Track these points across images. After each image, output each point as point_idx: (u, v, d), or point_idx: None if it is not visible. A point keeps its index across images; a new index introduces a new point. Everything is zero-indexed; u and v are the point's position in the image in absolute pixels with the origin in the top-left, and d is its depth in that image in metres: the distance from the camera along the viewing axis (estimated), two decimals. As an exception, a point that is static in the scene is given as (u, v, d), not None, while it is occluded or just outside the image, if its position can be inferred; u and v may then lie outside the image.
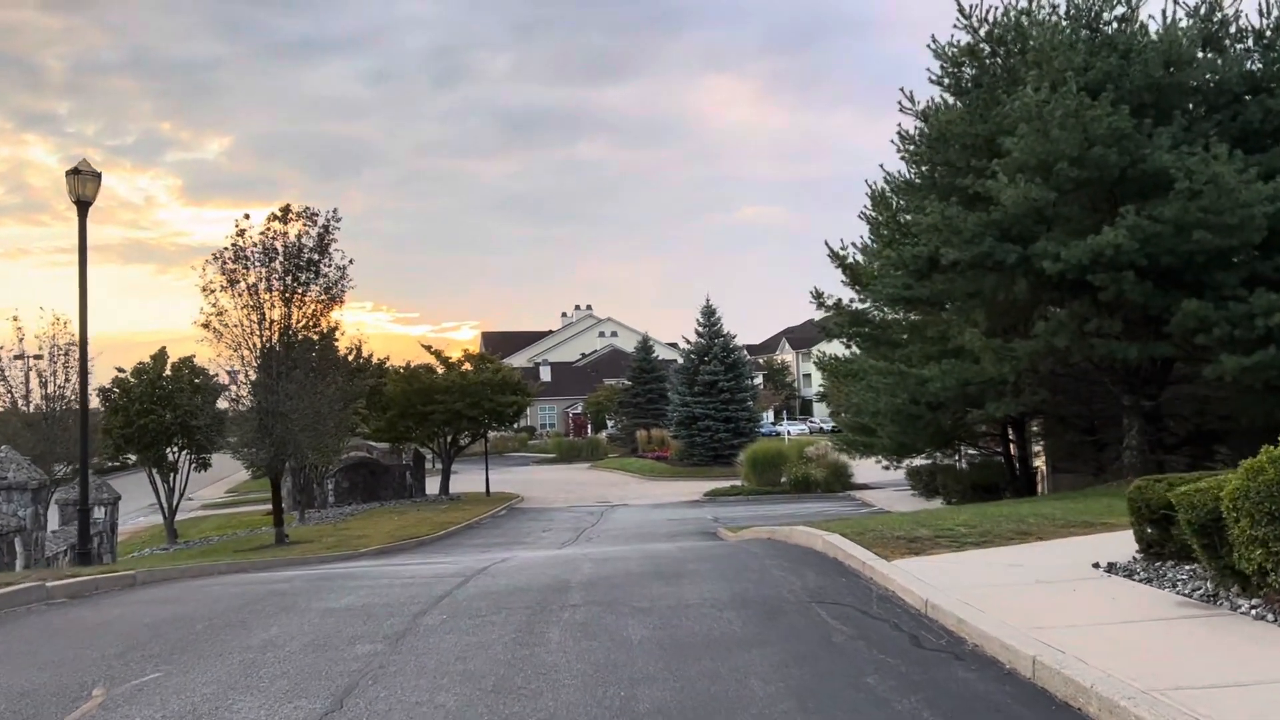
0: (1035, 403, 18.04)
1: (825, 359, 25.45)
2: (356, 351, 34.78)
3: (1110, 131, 15.74)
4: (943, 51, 19.64)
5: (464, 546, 21.98)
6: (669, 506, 33.59)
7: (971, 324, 18.53)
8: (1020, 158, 16.01)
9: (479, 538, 24.85)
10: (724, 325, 50.32)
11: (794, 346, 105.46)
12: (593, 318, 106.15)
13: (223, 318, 22.77)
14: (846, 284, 24.04)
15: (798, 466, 36.60)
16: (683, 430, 48.74)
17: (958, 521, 10.79)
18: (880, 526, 10.63)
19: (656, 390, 61.93)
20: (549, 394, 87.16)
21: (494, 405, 36.15)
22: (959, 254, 16.52)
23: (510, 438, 74.21)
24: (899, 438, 21.29)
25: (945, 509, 14.45)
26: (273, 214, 23.10)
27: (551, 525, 27.79)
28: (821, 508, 30.90)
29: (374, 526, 26.72)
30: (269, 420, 22.58)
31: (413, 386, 35.87)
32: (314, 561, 16.51)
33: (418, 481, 39.20)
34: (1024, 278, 16.58)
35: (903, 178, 21.38)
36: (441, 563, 13.29)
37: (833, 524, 11.78)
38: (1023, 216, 16.38)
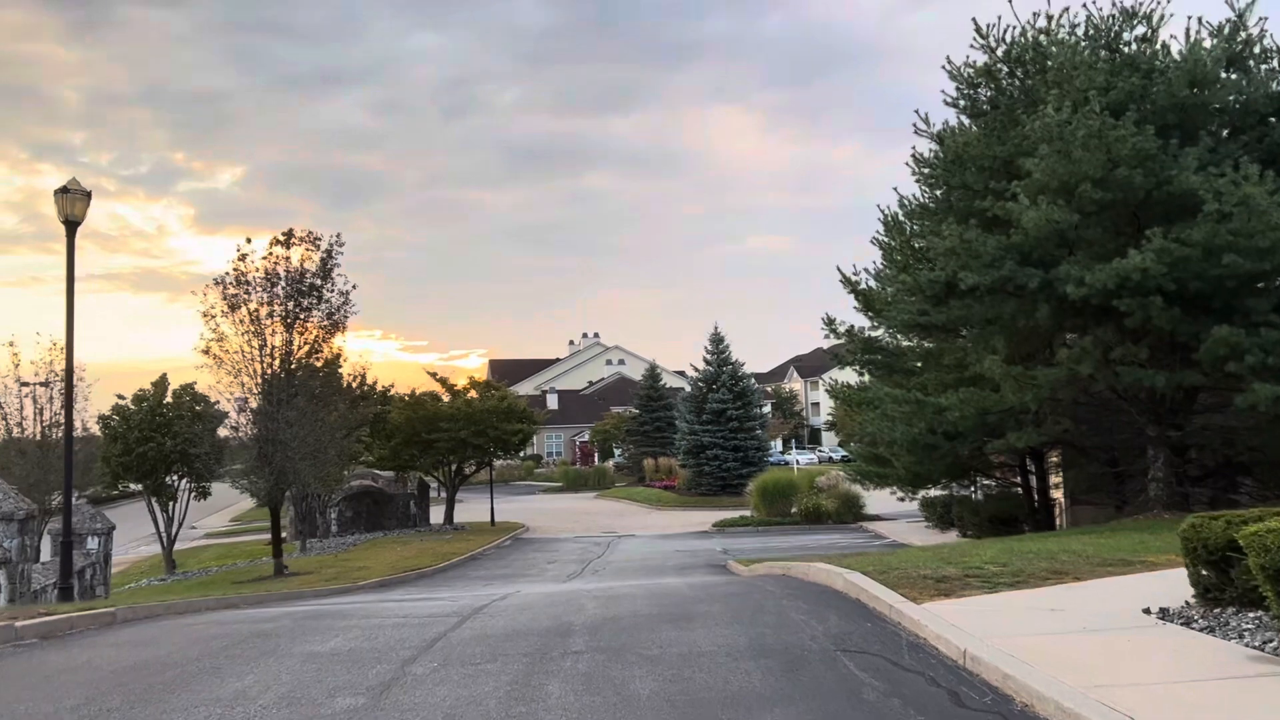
0: (1057, 433, 17.41)
1: (838, 386, 24.81)
2: (360, 379, 34.35)
3: (1135, 152, 15.23)
4: (958, 73, 19.22)
5: (466, 579, 21.33)
6: (677, 537, 32.88)
7: (990, 351, 17.95)
8: (1041, 179, 15.51)
9: (482, 569, 24.20)
10: (732, 353, 49.82)
11: (802, 375, 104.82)
12: (600, 345, 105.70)
13: (223, 344, 22.31)
14: (859, 310, 23.46)
15: (808, 497, 35.88)
16: (690, 459, 48.04)
17: (985, 559, 10.17)
18: (903, 564, 10.01)
19: (664, 418, 61.26)
20: (556, 422, 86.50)
21: (499, 433, 35.54)
22: (978, 278, 15.97)
23: (516, 466, 73.51)
24: (915, 468, 20.64)
25: (968, 544, 13.82)
26: (275, 238, 22.70)
27: (557, 556, 27.12)
28: (833, 539, 30.18)
29: (375, 557, 26.09)
30: (269, 448, 22.04)
31: (417, 414, 35.30)
32: (309, 596, 15.90)
33: (422, 511, 38.53)
34: (1046, 303, 16.02)
35: (917, 201, 20.89)
36: (439, 599, 12.68)
37: (851, 559, 11.17)
38: (1044, 240, 15.84)
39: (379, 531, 35.66)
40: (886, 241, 23.94)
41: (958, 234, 16.09)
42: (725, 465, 46.64)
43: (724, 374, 48.71)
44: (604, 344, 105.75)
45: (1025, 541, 13.46)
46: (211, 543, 41.28)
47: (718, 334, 50.04)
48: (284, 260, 22.64)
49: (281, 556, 22.87)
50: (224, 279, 22.28)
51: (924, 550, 12.47)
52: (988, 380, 18.40)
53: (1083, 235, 15.73)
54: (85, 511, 19.53)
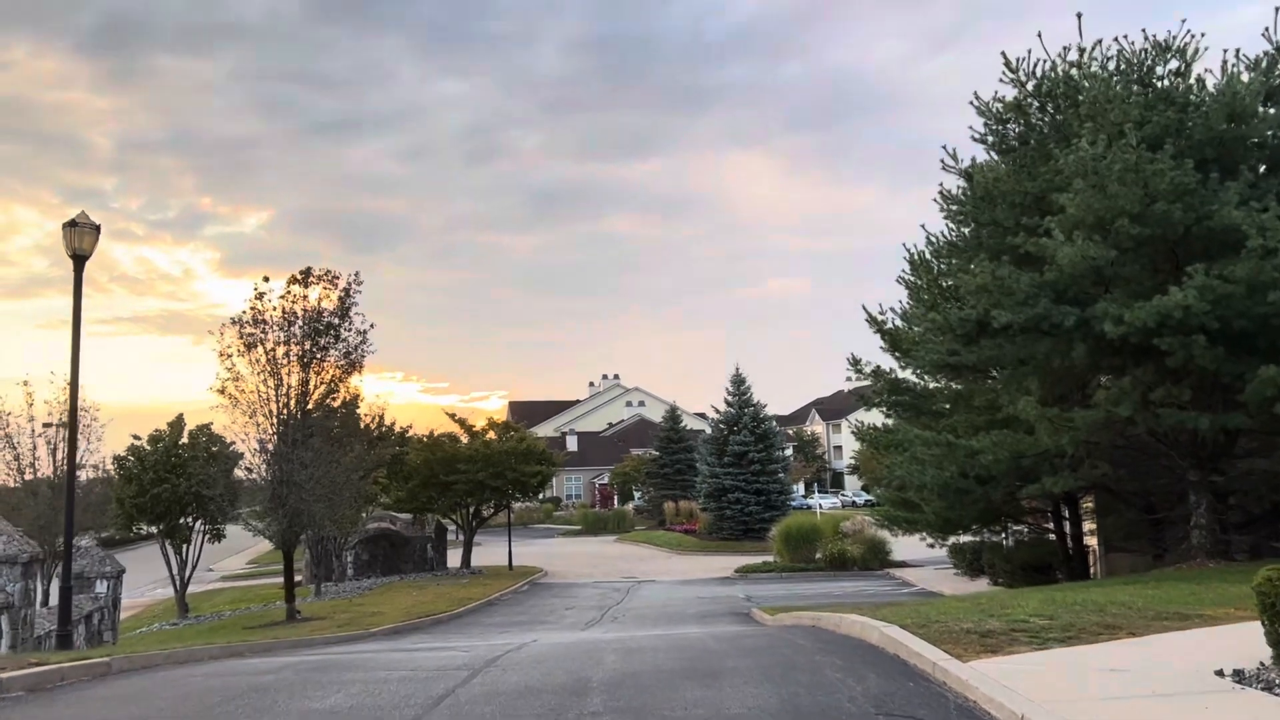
0: (1094, 477, 16.75)
1: (865, 429, 24.23)
2: (379, 420, 34.01)
3: (1173, 187, 14.74)
4: (987, 109, 18.84)
5: (481, 625, 20.74)
6: (698, 583, 32.13)
7: (1023, 392, 17.36)
8: (1076, 214, 15.02)
9: (498, 615, 23.59)
10: (754, 394, 49.16)
11: (824, 418, 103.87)
12: (620, 387, 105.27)
13: (239, 383, 22.02)
14: (886, 350, 22.94)
15: (833, 542, 35.08)
16: (711, 502, 47.26)
17: (1029, 610, 9.55)
18: (942, 616, 9.41)
19: (684, 461, 60.53)
20: (575, 464, 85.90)
21: (518, 475, 35.02)
22: (1012, 316, 15.44)
23: (535, 509, 72.85)
24: (945, 513, 19.97)
25: (1006, 594, 13.17)
26: (293, 276, 22.47)
27: (575, 602, 26.46)
28: (859, 587, 29.38)
29: (390, 602, 25.53)
30: (282, 490, 21.64)
31: (435, 455, 34.86)
32: (318, 644, 15.37)
33: (439, 554, 37.93)
34: (1082, 342, 15.46)
35: (946, 239, 20.43)
36: (451, 648, 12.14)
37: (886, 611, 10.57)
38: (1079, 277, 15.32)
39: (395, 575, 35.10)
40: (913, 280, 23.48)
41: (990, 271, 15.60)
42: (747, 509, 45.83)
43: (745, 415, 48.04)
44: (624, 385, 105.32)
45: (1066, 592, 12.79)
46: (228, 586, 40.87)
47: (739, 375, 49.50)
48: (301, 299, 22.41)
49: (294, 601, 22.37)
50: (241, 318, 22.08)
51: (960, 601, 11.84)
52: (1020, 422, 17.79)
53: (1120, 272, 15.21)
54: (94, 554, 19.13)
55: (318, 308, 22.43)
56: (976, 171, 18.26)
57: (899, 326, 23.06)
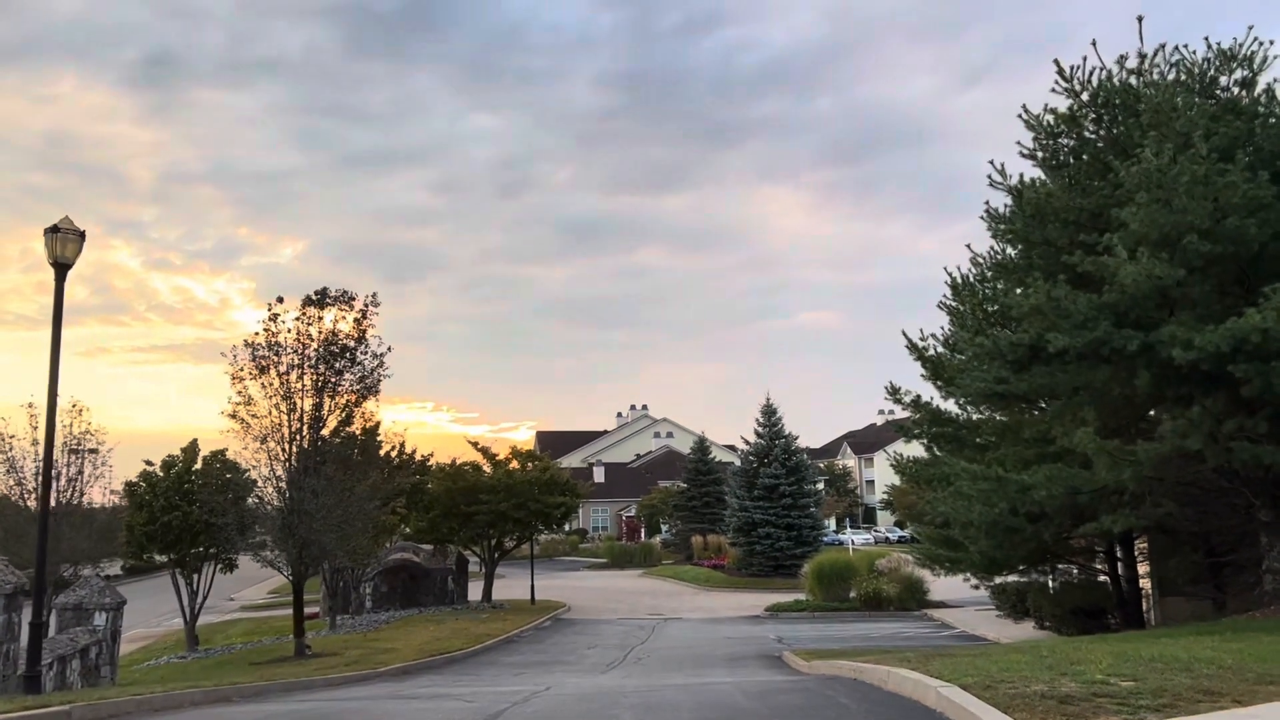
0: (1157, 516, 15.45)
1: (905, 461, 22.97)
2: (400, 448, 33.16)
3: (1246, 200, 13.58)
4: (1037, 122, 17.72)
5: (498, 666, 19.65)
6: (727, 622, 30.86)
7: (1078, 423, 16.12)
8: (1139, 230, 13.88)
9: (517, 654, 22.48)
10: (785, 425, 47.83)
11: (856, 451, 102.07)
12: (648, 418, 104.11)
13: (251, 408, 21.25)
14: (927, 378, 21.73)
15: (868, 581, 33.64)
16: (741, 537, 45.85)
17: (1104, 669, 8.37)
18: (1005, 673, 8.24)
19: (714, 493, 59.18)
20: (602, 495, 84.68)
21: (541, 506, 33.98)
22: (1069, 341, 14.25)
23: (561, 540, 71.68)
24: (992, 552, 18.65)
25: (1068, 644, 11.93)
26: (309, 297, 21.75)
27: (598, 641, 25.31)
28: (897, 628, 28.03)
29: (405, 638, 24.52)
30: (293, 519, 20.77)
31: (457, 485, 33.93)
32: (318, 686, 14.34)
33: (460, 587, 36.89)
34: (1146, 369, 14.24)
35: (993, 260, 19.28)
36: (456, 696, 11.09)
37: (937, 663, 9.39)
38: (1142, 298, 14.13)
39: (414, 608, 34.12)
40: (954, 306, 22.30)
41: (1045, 291, 14.45)
42: (778, 544, 44.41)
43: (776, 447, 46.73)
44: (652, 416, 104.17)
45: (1136, 644, 11.53)
46: (245, 616, 40.04)
47: (770, 405, 48.21)
48: (317, 321, 21.66)
49: (304, 636, 21.43)
50: (254, 340, 21.35)
51: (1020, 653, 10.62)
52: (1075, 456, 16.53)
53: (1187, 293, 14.01)
54: (93, 585, 18.28)
55: (333, 330, 21.66)
56: (1027, 188, 17.14)
57: (941, 354, 21.88)
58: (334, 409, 21.65)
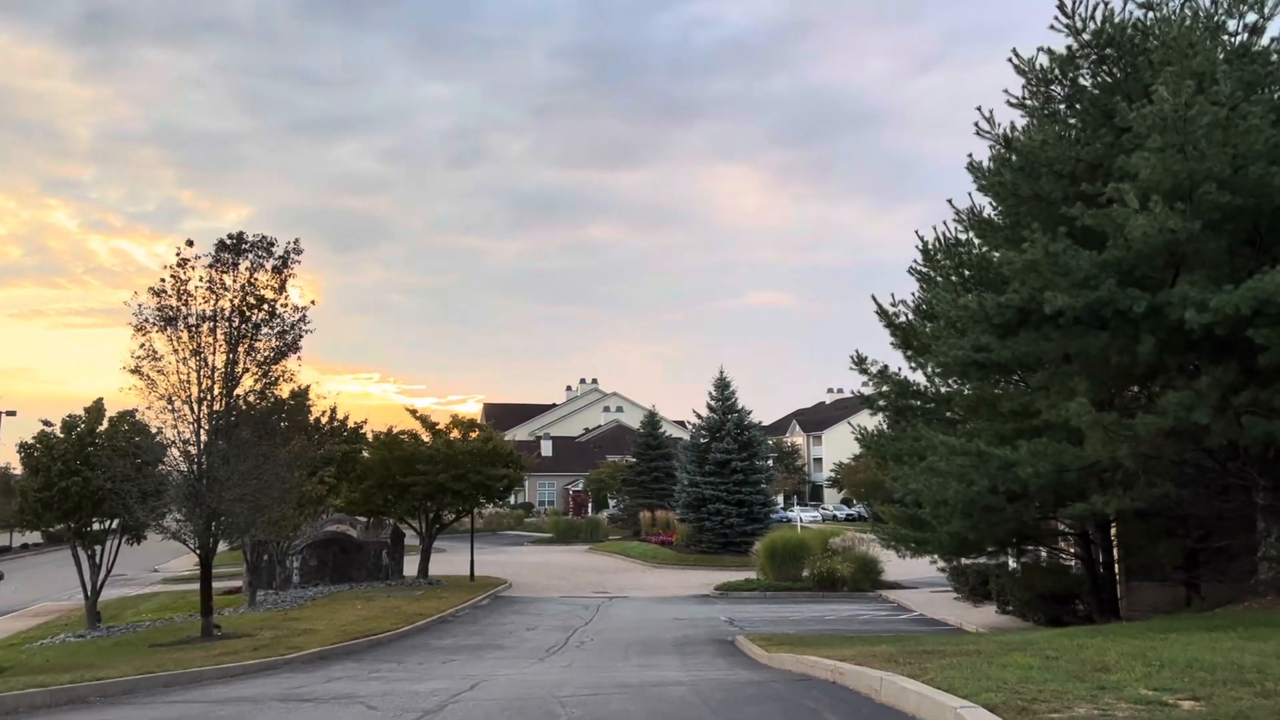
0: (1152, 497, 14.09)
1: (869, 435, 21.51)
2: (331, 414, 31.08)
3: (1270, 148, 12.15)
4: (1029, 66, 16.21)
5: (427, 650, 17.89)
6: (675, 601, 29.36)
7: (1067, 394, 14.71)
8: (1151, 178, 12.39)
9: (449, 636, 20.72)
10: (738, 400, 46.37)
11: (805, 429, 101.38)
12: (598, 392, 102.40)
13: (157, 363, 19.13)
14: (896, 346, 20.26)
15: (821, 560, 32.33)
16: (690, 513, 44.41)
17: (1142, 678, 6.87)
18: (1026, 684, 6.69)
19: (663, 469, 57.71)
20: (549, 469, 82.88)
21: (482, 478, 32.09)
22: (1068, 301, 12.76)
23: (505, 514, 69.83)
24: (966, 534, 17.24)
25: (1068, 640, 10.48)
26: (223, 242, 19.59)
27: (539, 622, 23.64)
28: (852, 610, 26.76)
29: (329, 617, 22.63)
30: (201, 487, 18.75)
31: (393, 454, 31.93)
32: (209, 678, 12.46)
33: (395, 562, 34.91)
34: (1151, 334, 12.80)
35: (974, 217, 17.79)
36: (364, 696, 9.32)
37: (935, 668, 7.83)
38: (1151, 255, 12.69)
39: (345, 584, 32.14)
40: (925, 272, 20.86)
41: (1043, 246, 12.92)
42: (728, 521, 43.04)
43: (729, 422, 45.28)
44: (602, 390, 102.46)
45: (1148, 641, 10.10)
46: (165, 589, 37.66)
47: (723, 379, 46.71)
48: (232, 269, 19.54)
49: (211, 615, 19.45)
50: (160, 288, 19.20)
51: (1022, 654, 9.11)
52: (1060, 431, 15.15)
53: (1200, 250, 12.57)
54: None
55: (250, 279, 19.56)
56: (1018, 137, 15.63)
57: (912, 321, 20.42)
58: (250, 367, 19.58)
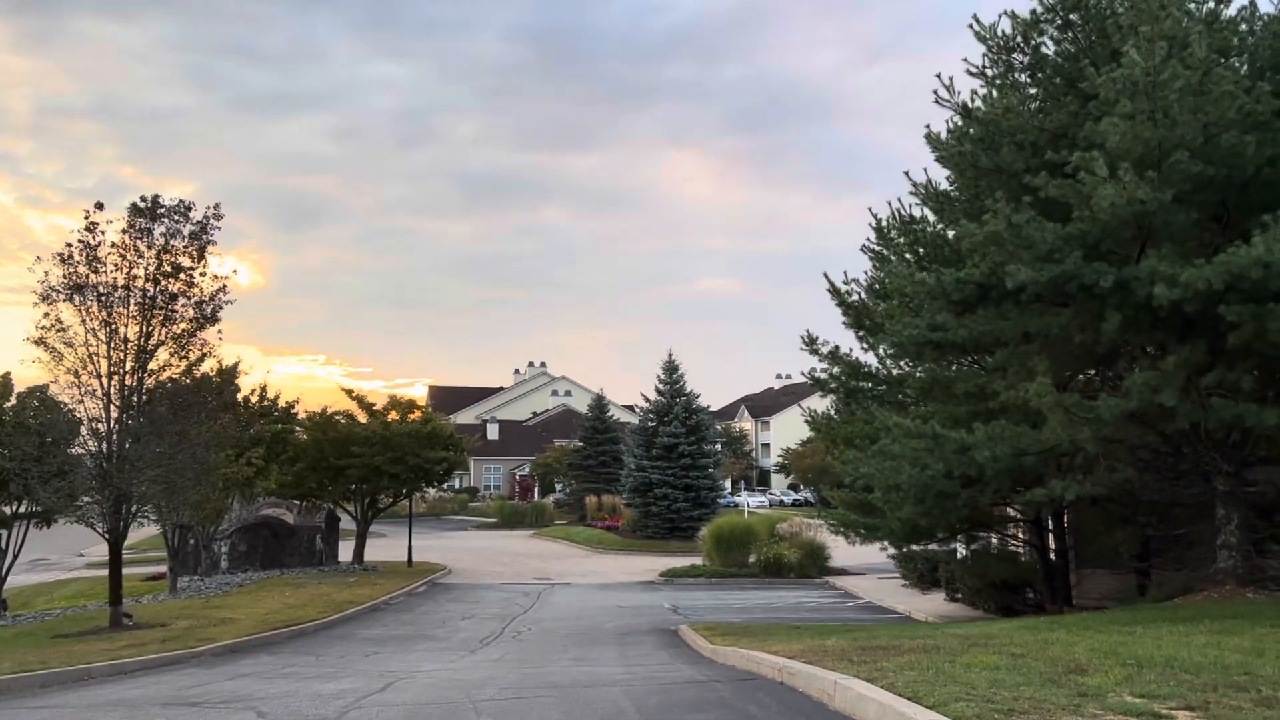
0: (1114, 482, 13.53)
1: (819, 418, 20.84)
2: (261, 392, 29.76)
3: (1243, 116, 11.55)
4: (990, 33, 15.52)
5: (351, 641, 16.87)
6: (618, 588, 28.58)
7: (1024, 375, 14.09)
8: (1120, 145, 11.73)
9: (378, 625, 19.69)
10: (687, 383, 45.63)
11: (753, 415, 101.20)
12: (547, 376, 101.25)
13: (65, 334, 17.79)
14: (849, 326, 19.58)
15: (768, 546, 31.72)
16: (637, 498, 43.64)
17: (1122, 681, 6.17)
18: (996, 689, 5.94)
19: (610, 453, 56.88)
20: (495, 453, 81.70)
21: (420, 461, 30.94)
22: (1031, 275, 12.09)
23: (449, 499, 68.63)
24: (917, 520, 16.61)
25: (1029, 634, 9.80)
26: (136, 206, 18.26)
27: (475, 610, 22.69)
28: (799, 597, 26.19)
29: (253, 605, 21.46)
30: (109, 467, 17.49)
31: (327, 436, 30.65)
32: (98, 676, 11.35)
33: (329, 547, 33.64)
34: (1117, 311, 12.18)
35: (929, 191, 17.10)
36: (261, 698, 8.33)
37: (893, 668, 7.07)
38: (1118, 228, 12.05)
39: (277, 569, 30.87)
40: (879, 250, 20.21)
41: (1005, 216, 12.23)
42: (675, 506, 42.33)
43: (677, 405, 44.53)
44: (550, 374, 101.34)
45: (1115, 636, 9.46)
46: (86, 575, 36.00)
47: (672, 362, 45.91)
48: (146, 234, 18.23)
49: (120, 604, 18.23)
50: (68, 254, 17.84)
51: (985, 651, 8.40)
52: (1017, 413, 14.54)
53: (1169, 223, 11.95)
54: None
55: (166, 245, 18.27)
56: (981, 106, 14.93)
57: (865, 301, 19.76)
58: (165, 340, 18.30)
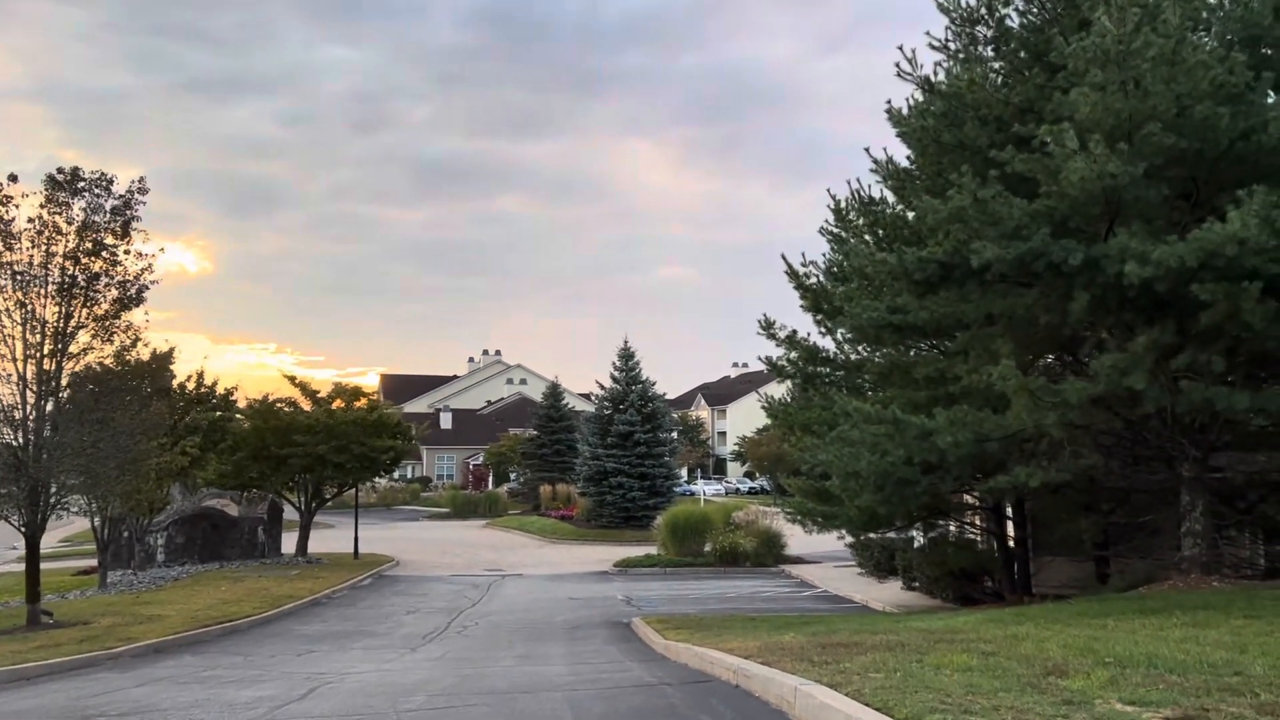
0: (1079, 469, 13.10)
1: (775, 404, 20.28)
2: (198, 379, 28.56)
3: (1215, 88, 11.09)
4: (954, 5, 14.98)
5: (286, 639, 16.01)
6: (571, 579, 27.91)
7: (987, 358, 13.60)
8: (1091, 116, 11.21)
9: (317, 621, 18.84)
10: (643, 371, 44.99)
11: (709, 403, 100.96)
12: (501, 364, 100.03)
13: (-24, 314, 16.69)
14: (806, 309, 18.98)
15: (724, 535, 31.21)
16: (592, 486, 42.95)
17: (1097, 683, 5.63)
18: (973, 695, 5.33)
19: (565, 441, 56.12)
20: (449, 442, 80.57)
21: (366, 450, 29.95)
22: (998, 252, 11.55)
23: (401, 489, 67.48)
24: (876, 508, 16.11)
25: (996, 628, 9.27)
26: (53, 178, 17.15)
27: (421, 603, 21.89)
28: (755, 587, 25.71)
29: (185, 600, 20.48)
30: (25, 456, 16.45)
31: (268, 424, 29.57)
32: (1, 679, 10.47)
33: (272, 539, 32.55)
34: (1085, 290, 11.69)
35: (890, 169, 16.55)
36: (165, 709, 7.51)
37: (858, 670, 6.46)
38: (1086, 204, 11.55)
39: (216, 562, 29.79)
40: (837, 232, 19.66)
41: (971, 191, 11.67)
42: (630, 494, 41.72)
43: (633, 393, 43.87)
44: (505, 362, 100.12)
45: (1104, 634, 8.94)
46: (19, 569, 34.61)
47: (627, 349, 45.20)
48: (65, 208, 17.15)
49: (38, 601, 17.18)
50: (-21, 230, 16.71)
51: (953, 650, 7.84)
52: (977, 397, 14.06)
53: (1140, 198, 11.47)
54: None
55: (86, 221, 17.20)
56: (944, 80, 14.37)
57: (824, 284, 19.19)
58: (87, 322, 17.26)
